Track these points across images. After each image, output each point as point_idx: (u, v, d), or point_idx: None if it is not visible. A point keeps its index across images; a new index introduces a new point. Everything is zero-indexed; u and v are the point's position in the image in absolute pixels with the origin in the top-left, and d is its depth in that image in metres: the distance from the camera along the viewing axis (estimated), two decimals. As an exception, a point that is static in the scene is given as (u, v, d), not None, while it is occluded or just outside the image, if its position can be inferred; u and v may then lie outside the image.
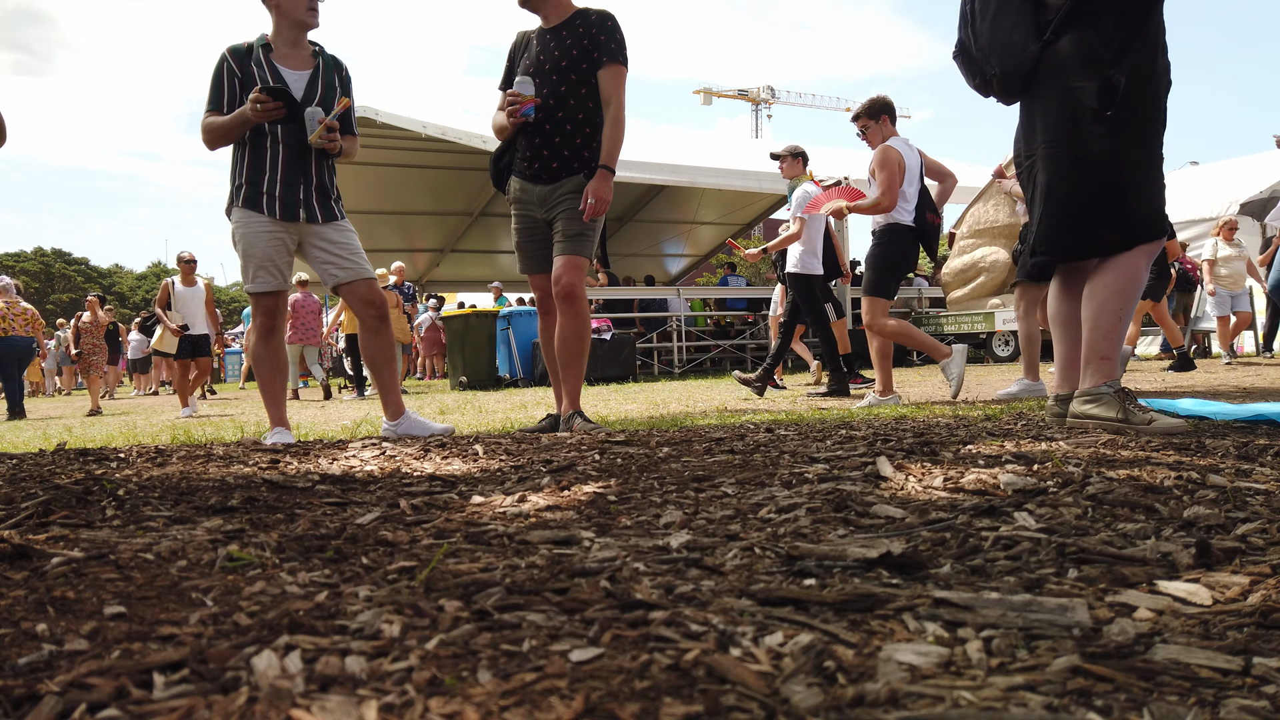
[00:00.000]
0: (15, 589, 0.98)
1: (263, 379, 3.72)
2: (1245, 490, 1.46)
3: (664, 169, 12.61)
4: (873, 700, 0.66)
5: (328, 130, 3.50)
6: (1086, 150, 2.64)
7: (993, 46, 2.76)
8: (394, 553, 1.18)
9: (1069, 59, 2.65)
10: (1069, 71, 2.65)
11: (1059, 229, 2.73)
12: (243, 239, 3.56)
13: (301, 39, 3.67)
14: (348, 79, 3.75)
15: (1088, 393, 2.66)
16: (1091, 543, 1.12)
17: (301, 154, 3.56)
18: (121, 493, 1.64)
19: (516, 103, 3.58)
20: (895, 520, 1.31)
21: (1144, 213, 2.65)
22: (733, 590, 0.96)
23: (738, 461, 2.02)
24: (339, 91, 3.67)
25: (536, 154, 3.66)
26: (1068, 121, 2.66)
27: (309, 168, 3.58)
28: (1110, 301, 2.65)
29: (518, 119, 3.60)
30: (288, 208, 3.54)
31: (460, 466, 2.08)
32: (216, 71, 3.58)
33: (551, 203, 3.66)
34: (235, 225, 3.59)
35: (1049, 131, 2.71)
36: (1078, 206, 2.67)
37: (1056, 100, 2.68)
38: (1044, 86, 2.72)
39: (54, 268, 54.42)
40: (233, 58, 3.57)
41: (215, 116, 3.53)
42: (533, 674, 0.72)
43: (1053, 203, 2.72)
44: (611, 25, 3.62)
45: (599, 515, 1.45)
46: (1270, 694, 0.68)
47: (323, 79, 3.64)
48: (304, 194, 3.57)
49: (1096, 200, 2.65)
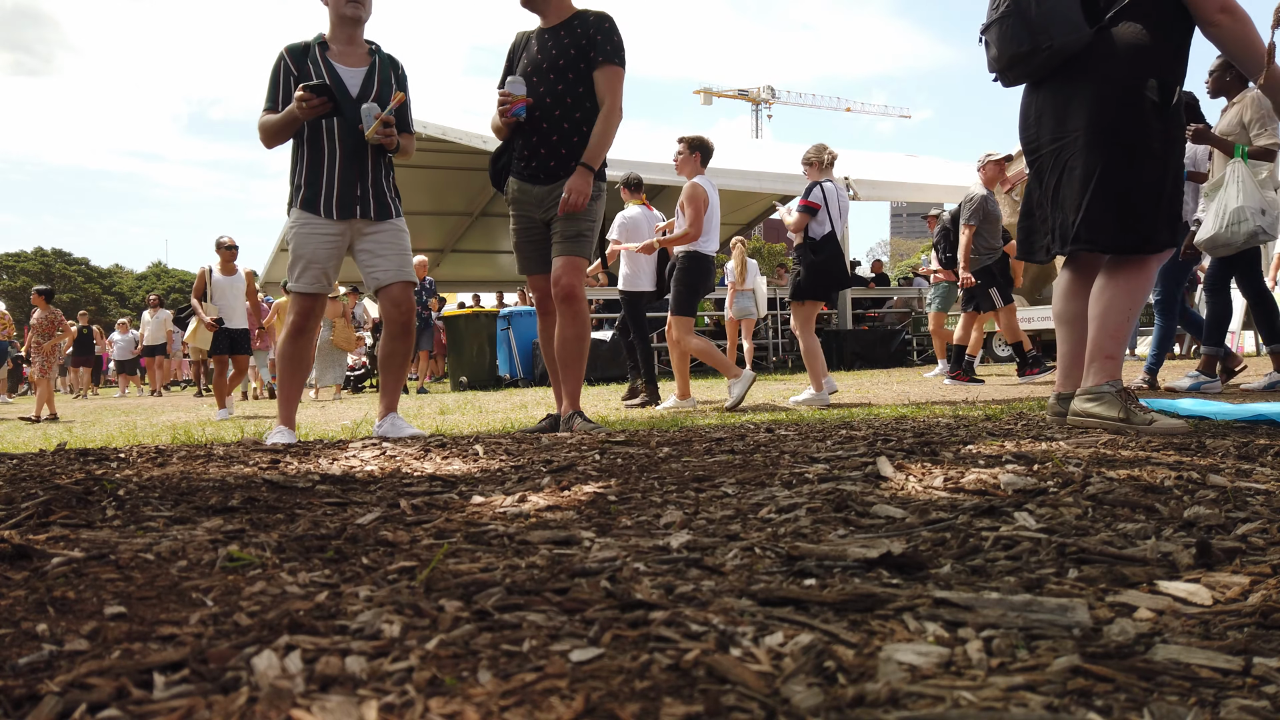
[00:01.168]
0: (15, 589, 0.98)
1: (283, 376, 3.72)
2: (1245, 490, 1.46)
3: (664, 169, 12.60)
4: (873, 700, 0.66)
5: (384, 125, 3.51)
6: (1147, 144, 2.57)
7: (1054, 17, 2.62)
8: (394, 553, 1.18)
9: (1126, 49, 2.58)
10: (1127, 61, 2.57)
11: (1109, 219, 2.62)
12: (295, 238, 3.58)
13: (356, 36, 3.68)
14: (403, 76, 3.76)
15: (1090, 391, 2.65)
16: (1092, 543, 1.12)
17: (357, 151, 3.57)
18: (122, 493, 1.64)
19: (508, 103, 3.59)
20: (895, 520, 1.31)
21: (1175, 218, 2.62)
22: (733, 590, 0.96)
23: (738, 461, 2.02)
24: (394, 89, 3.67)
25: (534, 153, 3.66)
26: (1130, 111, 2.58)
27: (365, 165, 3.59)
28: (1121, 300, 2.63)
29: (509, 119, 3.61)
30: (344, 206, 3.56)
31: (460, 466, 2.08)
32: (274, 70, 3.60)
33: (549, 203, 3.66)
34: (291, 225, 3.62)
35: (1103, 118, 2.60)
36: (1135, 200, 2.59)
37: (1114, 87, 2.59)
38: (1095, 71, 2.62)
39: (54, 268, 54.41)
40: (289, 56, 3.59)
41: (270, 115, 3.55)
42: (533, 674, 0.72)
43: (1105, 192, 2.61)
44: (609, 26, 3.63)
45: (599, 515, 1.45)
46: (1270, 694, 0.68)
47: (379, 76, 3.65)
48: (360, 191, 3.59)
49: (1146, 196, 2.59)
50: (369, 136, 3.52)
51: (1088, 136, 2.63)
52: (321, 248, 3.56)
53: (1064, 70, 2.68)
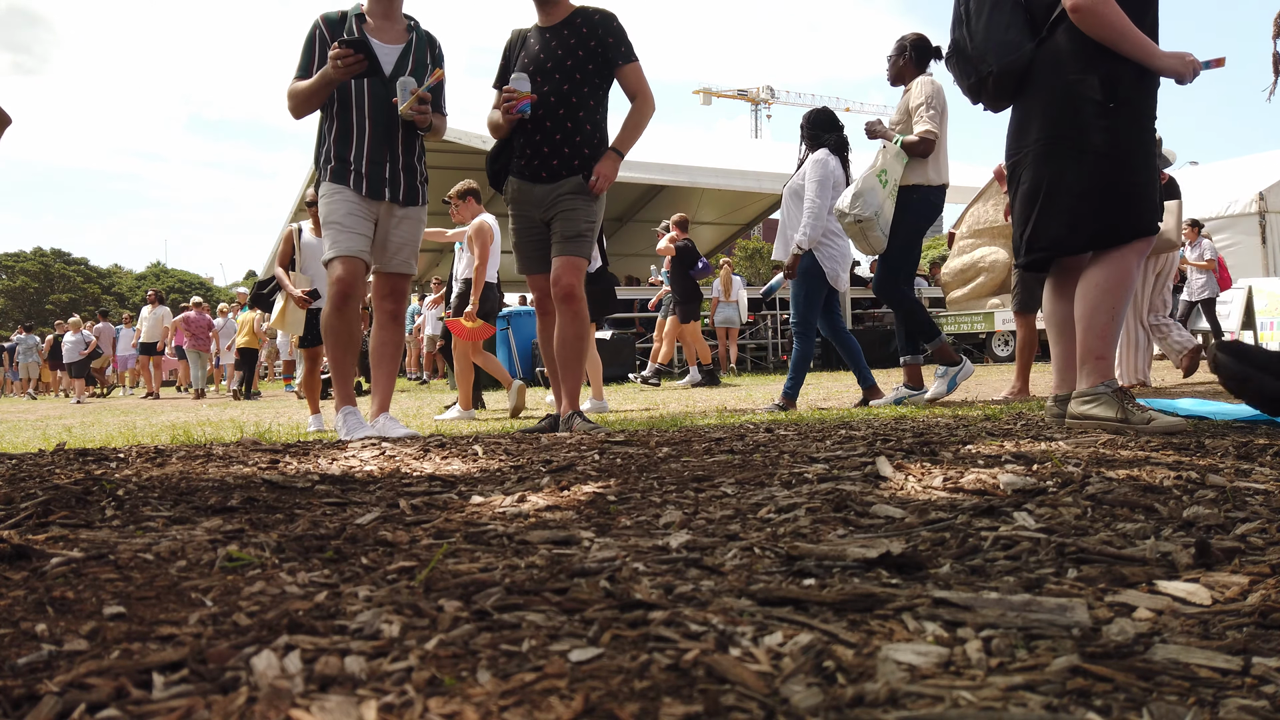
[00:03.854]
0: (15, 589, 0.98)
1: (334, 353, 3.56)
2: (1245, 490, 1.46)
3: (664, 169, 12.62)
4: (872, 700, 0.66)
5: (419, 102, 3.45)
6: (1089, 142, 2.62)
7: (989, 45, 2.75)
8: (394, 553, 1.18)
9: (1067, 54, 2.64)
10: (1068, 66, 2.64)
11: (1057, 223, 2.70)
12: (325, 205, 3.50)
13: (394, 11, 3.60)
14: (440, 56, 3.68)
15: (1086, 394, 2.65)
16: (1091, 543, 1.12)
17: (389, 130, 3.50)
18: (121, 493, 1.64)
19: (512, 99, 3.56)
20: (895, 520, 1.31)
21: (1141, 206, 2.65)
22: (732, 590, 0.96)
23: (737, 461, 2.02)
24: (431, 67, 3.61)
25: (536, 152, 3.64)
26: (1069, 114, 2.65)
27: (395, 145, 3.52)
28: (1104, 300, 2.64)
29: (514, 115, 3.58)
30: (374, 186, 3.49)
31: (460, 466, 2.08)
32: (309, 38, 3.52)
33: (550, 202, 3.65)
34: (321, 197, 3.55)
35: (1050, 125, 2.69)
36: (1078, 199, 2.65)
37: (1056, 94, 2.67)
38: (1041, 83, 2.71)
39: (53, 268, 54.38)
40: (325, 25, 3.52)
41: (300, 81, 3.47)
42: (532, 674, 0.72)
43: (1052, 196, 2.70)
44: (617, 26, 3.64)
45: (599, 515, 1.45)
46: (1270, 694, 0.68)
47: (414, 54, 3.58)
48: (390, 172, 3.52)
49: (1096, 193, 2.64)
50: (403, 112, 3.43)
51: (1036, 148, 2.73)
52: (353, 214, 3.47)
53: (1019, 87, 2.78)
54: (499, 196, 3.95)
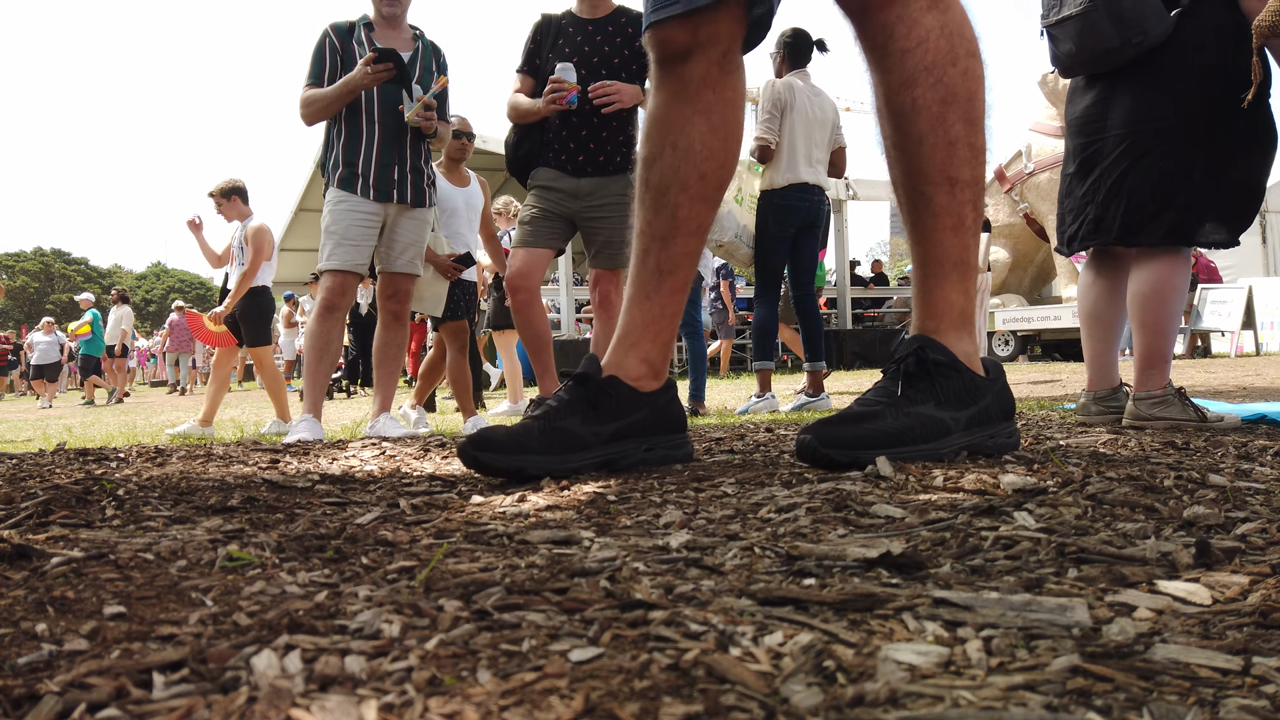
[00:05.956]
0: (15, 589, 0.98)
1: (309, 360, 3.67)
2: (1245, 490, 1.46)
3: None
4: (872, 700, 0.66)
5: (425, 109, 3.51)
6: (1227, 130, 2.48)
7: (1148, 9, 2.49)
8: (394, 553, 1.18)
9: (1210, 36, 2.49)
10: (1211, 49, 2.49)
11: (1175, 209, 2.50)
12: (330, 214, 3.58)
13: (400, 20, 3.71)
14: (445, 65, 3.79)
15: (1153, 396, 2.59)
16: (1091, 542, 1.12)
17: (397, 134, 3.59)
18: (121, 493, 1.64)
19: (561, 90, 3.56)
20: (895, 520, 1.31)
21: (1255, 208, 2.55)
22: (733, 590, 0.96)
23: (737, 461, 2.02)
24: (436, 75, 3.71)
25: (581, 146, 3.65)
26: (1207, 97, 2.49)
27: (404, 148, 3.61)
28: (1175, 301, 2.57)
29: (561, 105, 3.58)
30: (382, 189, 3.57)
31: (460, 466, 2.08)
32: (318, 47, 3.61)
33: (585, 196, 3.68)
34: (327, 204, 3.62)
35: (1182, 106, 2.50)
36: (1213, 188, 2.50)
37: (1198, 75, 2.50)
38: (1175, 60, 2.51)
39: (53, 267, 54.37)
40: (335, 34, 3.61)
41: (315, 89, 3.55)
42: (532, 674, 0.72)
43: (1174, 179, 2.52)
44: None
45: (599, 515, 1.45)
46: (1270, 694, 0.68)
47: (421, 62, 3.67)
48: (398, 174, 3.61)
49: (1206, 186, 2.50)
50: (409, 119, 3.52)
51: (1154, 127, 2.53)
52: (355, 225, 3.56)
53: (1144, 58, 2.55)
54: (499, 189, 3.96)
